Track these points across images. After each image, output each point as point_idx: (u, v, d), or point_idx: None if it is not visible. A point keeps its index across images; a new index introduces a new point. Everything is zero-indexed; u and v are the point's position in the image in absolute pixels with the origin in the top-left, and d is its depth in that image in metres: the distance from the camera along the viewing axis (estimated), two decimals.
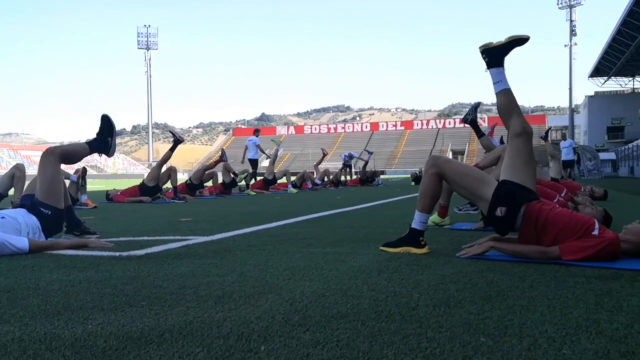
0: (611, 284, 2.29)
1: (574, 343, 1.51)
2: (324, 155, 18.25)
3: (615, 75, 50.63)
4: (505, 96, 3.16)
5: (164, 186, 9.91)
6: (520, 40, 3.11)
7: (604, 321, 1.73)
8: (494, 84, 3.16)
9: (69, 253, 3.27)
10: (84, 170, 8.27)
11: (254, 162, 15.96)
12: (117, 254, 3.22)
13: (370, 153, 21.24)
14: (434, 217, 4.74)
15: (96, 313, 1.85)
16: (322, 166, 18.57)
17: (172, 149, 9.90)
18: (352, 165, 19.42)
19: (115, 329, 1.66)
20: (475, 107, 3.95)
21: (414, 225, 3.23)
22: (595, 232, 2.79)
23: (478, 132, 4.59)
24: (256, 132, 16.96)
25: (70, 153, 3.81)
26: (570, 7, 52.59)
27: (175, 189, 9.47)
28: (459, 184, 3.14)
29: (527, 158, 3.06)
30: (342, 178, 18.23)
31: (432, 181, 3.18)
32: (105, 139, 3.87)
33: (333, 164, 32.57)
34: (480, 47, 3.18)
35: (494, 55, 3.13)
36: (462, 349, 1.46)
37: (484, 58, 3.17)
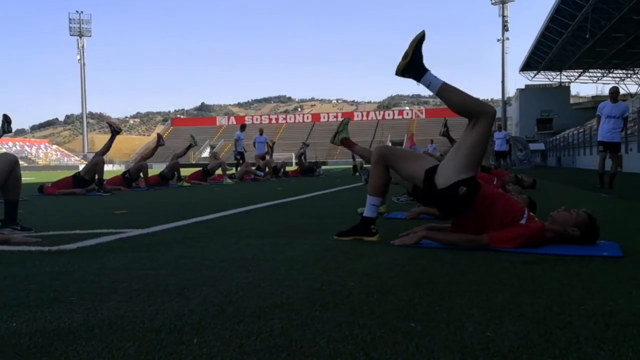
0: (534, 269, 2.41)
1: (498, 325, 1.58)
2: (271, 144, 18.32)
3: (544, 69, 52.76)
4: (446, 91, 3.06)
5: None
6: (421, 39, 3.04)
7: (526, 304, 1.82)
8: (428, 87, 3.07)
9: None
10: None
11: (241, 155, 17.53)
12: (46, 248, 3.10)
13: (307, 145, 21.72)
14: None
15: (21, 310, 1.79)
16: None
17: (111, 140, 9.57)
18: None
19: (42, 325, 1.61)
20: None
21: (365, 214, 3.32)
22: (523, 221, 2.93)
23: None
24: (242, 127, 18.40)
25: None
26: (503, 3, 54.48)
27: (100, 180, 9.18)
28: (403, 171, 3.24)
29: (477, 141, 3.01)
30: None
31: (380, 171, 3.29)
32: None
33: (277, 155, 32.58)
34: (396, 73, 3.10)
35: (414, 69, 3.05)
36: (392, 335, 1.50)
37: (408, 77, 3.09)
